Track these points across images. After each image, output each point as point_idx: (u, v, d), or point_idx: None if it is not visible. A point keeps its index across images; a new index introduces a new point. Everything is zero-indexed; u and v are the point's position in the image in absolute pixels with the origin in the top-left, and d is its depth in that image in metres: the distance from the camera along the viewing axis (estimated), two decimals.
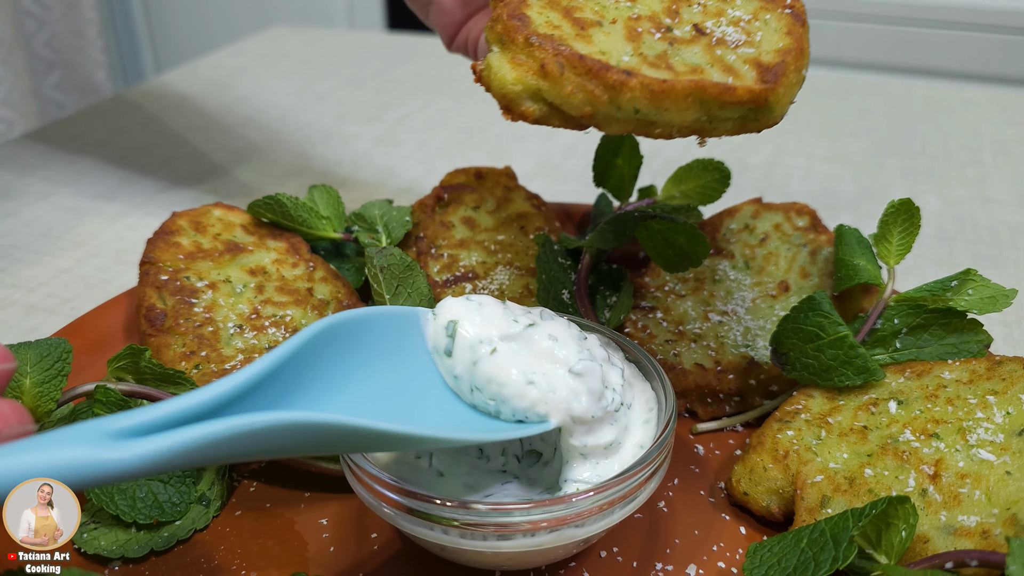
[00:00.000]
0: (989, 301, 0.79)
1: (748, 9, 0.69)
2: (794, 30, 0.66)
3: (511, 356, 0.64)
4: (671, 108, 0.61)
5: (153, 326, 0.82)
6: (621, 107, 0.61)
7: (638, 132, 0.64)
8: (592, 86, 0.61)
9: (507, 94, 0.64)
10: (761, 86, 0.61)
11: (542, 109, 0.64)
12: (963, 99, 1.72)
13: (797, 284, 0.88)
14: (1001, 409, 0.69)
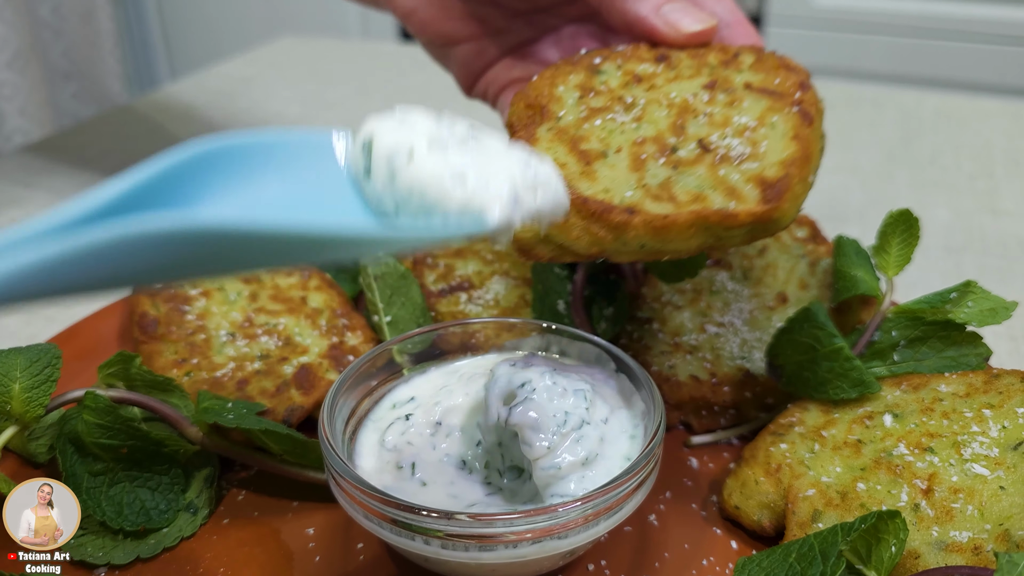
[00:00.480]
0: (989, 313, 0.78)
1: (755, 112, 0.68)
2: (801, 132, 0.66)
3: (434, 160, 0.53)
4: (675, 239, 0.62)
5: (145, 333, 0.82)
6: (627, 243, 0.63)
7: (645, 260, 0.66)
8: (596, 228, 0.63)
9: (520, 240, 0.65)
10: (763, 207, 0.61)
11: (554, 250, 0.65)
12: (975, 110, 1.70)
13: (795, 296, 0.87)
14: (997, 423, 0.67)
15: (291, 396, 0.80)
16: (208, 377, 0.79)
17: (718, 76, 0.72)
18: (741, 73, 0.72)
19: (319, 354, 0.84)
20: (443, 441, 0.70)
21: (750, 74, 0.72)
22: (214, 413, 0.72)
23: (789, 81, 0.70)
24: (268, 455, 0.75)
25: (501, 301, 0.90)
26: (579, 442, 0.64)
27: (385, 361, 0.77)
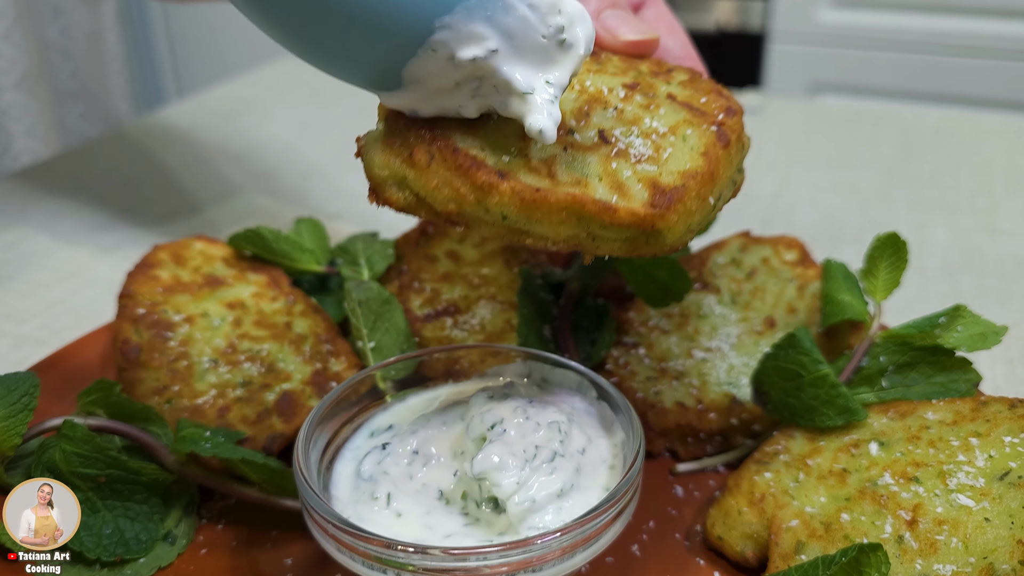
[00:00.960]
0: (978, 338, 0.76)
1: (669, 121, 0.63)
2: (711, 151, 0.60)
3: None
4: (543, 220, 0.57)
5: (127, 360, 0.81)
6: (489, 210, 0.57)
7: (508, 240, 0.60)
8: (459, 183, 0.57)
9: (374, 177, 0.60)
10: (648, 210, 0.56)
11: (407, 198, 0.60)
12: (976, 127, 1.69)
13: (784, 320, 0.86)
14: (984, 452, 0.66)
15: (272, 424, 0.79)
16: (189, 404, 0.79)
17: (643, 81, 0.67)
18: (669, 85, 0.68)
19: (302, 380, 0.83)
20: (420, 470, 0.69)
21: (678, 88, 0.68)
22: (192, 442, 0.71)
23: (716, 104, 0.66)
24: (247, 484, 0.74)
25: (487, 326, 0.89)
26: (553, 474, 0.63)
27: (367, 388, 0.77)
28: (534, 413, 0.66)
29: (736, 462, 0.80)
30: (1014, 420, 0.67)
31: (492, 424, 0.65)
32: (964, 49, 2.89)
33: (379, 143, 0.60)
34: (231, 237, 0.93)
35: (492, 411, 0.66)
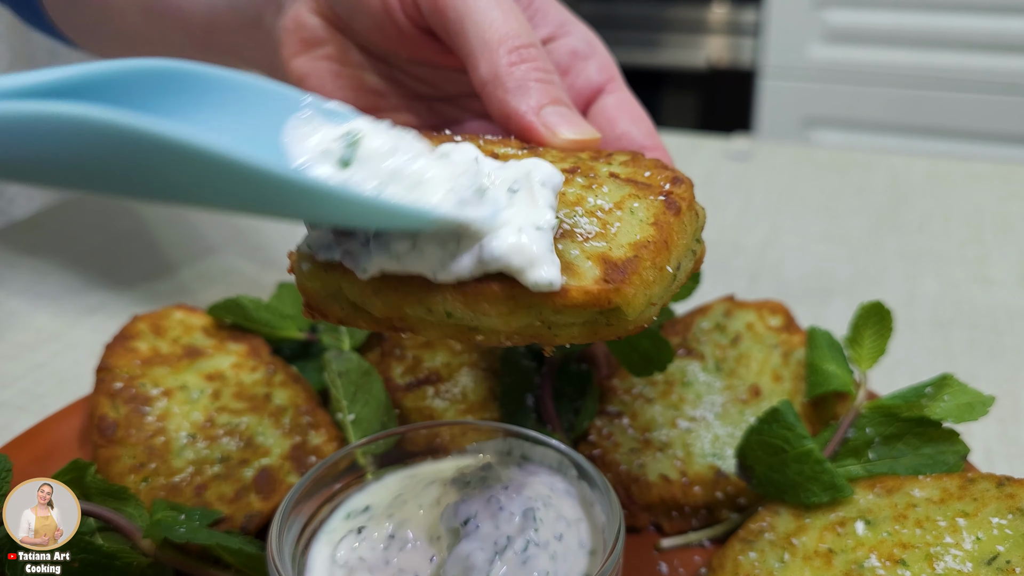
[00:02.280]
0: (966, 409, 0.76)
1: (613, 197, 0.59)
2: (661, 219, 0.57)
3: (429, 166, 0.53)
4: (491, 312, 0.52)
5: (104, 437, 0.80)
6: (431, 310, 0.53)
7: (460, 339, 0.56)
8: (396, 285, 0.53)
9: (306, 290, 0.57)
10: (601, 286, 0.51)
11: (345, 310, 0.57)
12: (965, 173, 1.69)
13: (769, 388, 0.85)
14: (971, 534, 0.65)
15: (250, 502, 0.78)
16: (166, 483, 0.77)
17: (582, 165, 0.64)
18: (610, 166, 0.65)
19: (281, 455, 0.82)
20: (396, 555, 0.67)
21: (619, 167, 0.65)
22: (165, 527, 0.70)
23: (661, 176, 0.63)
24: (223, 567, 0.73)
25: (469, 395, 0.88)
26: (526, 564, 0.62)
27: (347, 465, 0.76)
28: (508, 502, 0.65)
29: (722, 536, 0.79)
30: (1001, 500, 0.66)
31: (465, 519, 0.64)
32: (956, 83, 2.90)
33: (310, 256, 0.56)
34: (211, 307, 0.92)
35: (465, 503, 0.65)
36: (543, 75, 0.71)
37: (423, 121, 0.87)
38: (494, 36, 0.71)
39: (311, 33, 0.83)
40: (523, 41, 0.71)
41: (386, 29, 0.79)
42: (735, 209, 1.55)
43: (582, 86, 0.80)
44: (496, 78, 0.70)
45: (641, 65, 3.46)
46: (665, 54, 3.44)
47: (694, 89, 3.53)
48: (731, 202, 1.58)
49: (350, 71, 0.85)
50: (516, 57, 0.71)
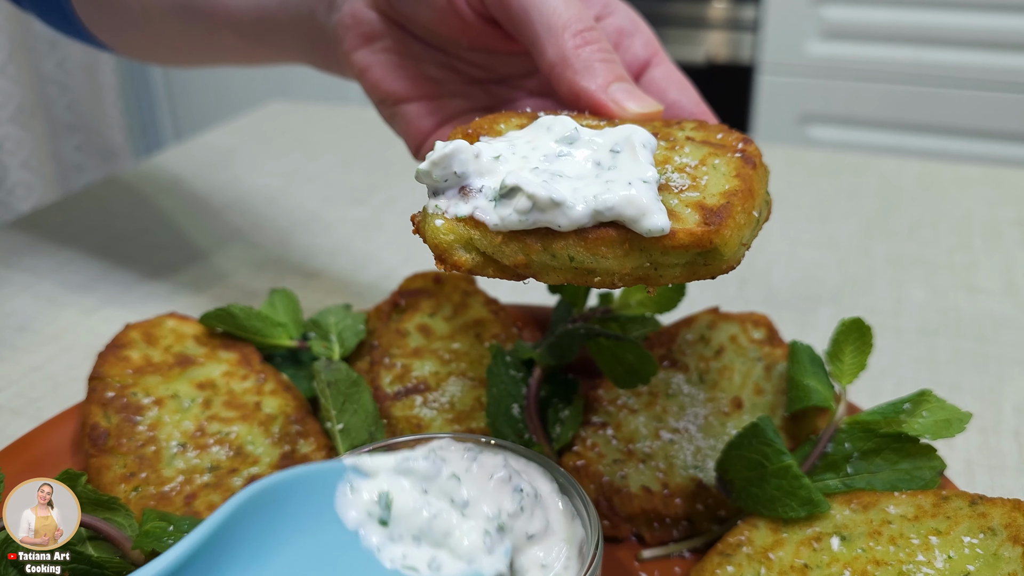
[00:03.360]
0: (943, 425, 0.77)
1: (696, 156, 0.67)
2: (743, 172, 0.65)
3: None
4: (608, 255, 0.59)
5: (95, 446, 0.81)
6: (555, 255, 0.60)
7: (578, 282, 0.62)
8: (525, 235, 0.60)
9: (439, 244, 0.62)
10: (703, 228, 0.58)
11: (475, 259, 0.62)
12: (956, 178, 1.69)
13: (751, 401, 0.87)
14: (943, 552, 0.66)
15: None
16: (156, 492, 0.79)
17: (660, 131, 0.72)
18: (683, 131, 0.73)
19: (270, 464, 0.83)
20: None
21: (692, 132, 0.73)
22: (154, 538, 0.71)
23: (731, 137, 0.71)
24: None
25: (457, 404, 0.89)
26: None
27: None
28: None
29: (702, 548, 0.80)
30: (974, 518, 0.68)
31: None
32: (954, 80, 2.91)
33: (441, 214, 0.63)
34: (203, 316, 0.93)
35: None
36: (606, 55, 0.77)
37: (479, 104, 0.92)
38: (558, 22, 0.76)
39: (369, 27, 0.87)
40: (585, 24, 0.77)
41: (449, 21, 0.83)
42: None
43: (630, 61, 0.85)
44: (564, 60, 0.76)
45: None
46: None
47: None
48: None
49: (409, 62, 0.89)
50: (580, 40, 0.76)
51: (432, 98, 0.90)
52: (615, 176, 0.60)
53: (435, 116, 0.90)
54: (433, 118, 0.90)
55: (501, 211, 0.60)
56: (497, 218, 0.60)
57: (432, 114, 0.90)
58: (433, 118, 0.90)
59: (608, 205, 0.57)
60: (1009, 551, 0.64)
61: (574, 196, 0.59)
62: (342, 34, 0.88)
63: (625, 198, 0.57)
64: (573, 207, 0.58)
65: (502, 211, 0.60)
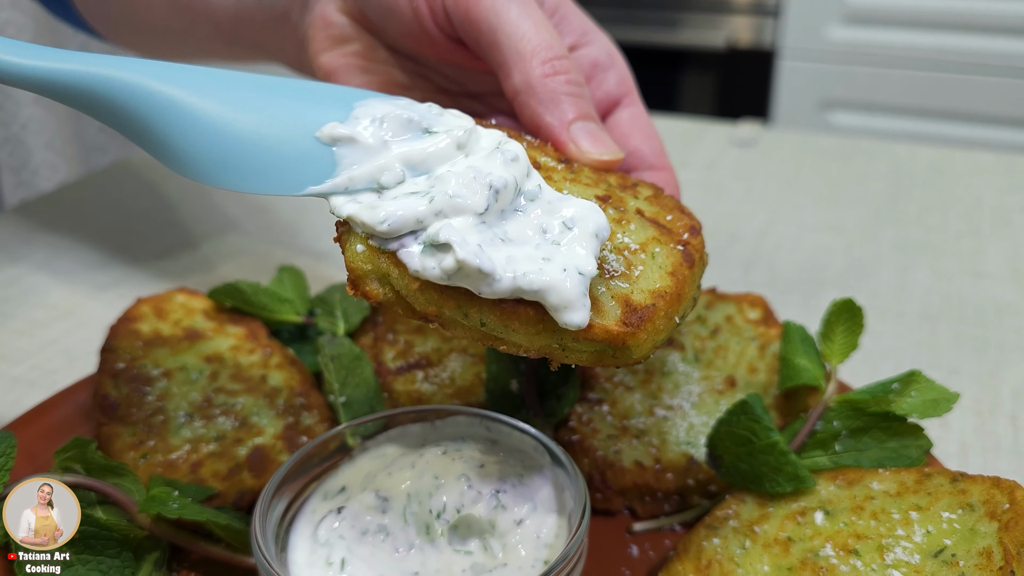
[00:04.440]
0: (931, 405, 0.78)
1: (639, 237, 0.66)
2: (679, 271, 0.63)
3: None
4: (520, 331, 0.58)
5: (106, 415, 0.84)
6: (468, 316, 0.59)
7: (482, 343, 0.61)
8: (442, 288, 0.58)
9: (355, 269, 0.60)
10: (621, 328, 0.58)
11: (387, 295, 0.61)
12: (968, 164, 1.69)
13: (744, 380, 0.88)
14: (922, 527, 0.68)
15: (243, 479, 0.82)
16: (163, 460, 0.81)
17: (613, 194, 0.70)
18: (636, 200, 0.71)
19: (274, 435, 0.86)
20: (374, 531, 0.71)
21: (644, 204, 0.71)
22: (159, 502, 0.74)
23: (681, 223, 0.69)
24: (215, 541, 0.77)
25: (457, 380, 0.91)
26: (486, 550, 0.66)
27: (336, 446, 0.79)
28: (478, 482, 0.70)
29: (692, 521, 0.82)
30: (954, 495, 0.69)
31: (437, 513, 0.69)
32: (975, 67, 2.89)
33: (363, 236, 0.60)
34: (211, 291, 0.96)
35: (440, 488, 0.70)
36: (574, 88, 0.74)
37: None
38: (527, 47, 0.74)
39: (339, 31, 0.86)
40: (555, 53, 0.74)
41: (416, 36, 0.82)
42: (735, 198, 1.57)
43: (601, 97, 0.83)
44: (529, 88, 0.74)
45: (661, 44, 3.46)
46: (685, 34, 3.43)
47: (713, 69, 3.52)
48: (732, 190, 1.60)
49: (378, 67, 0.88)
50: (549, 69, 0.74)
51: None
52: (554, 254, 0.58)
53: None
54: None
55: (425, 261, 0.57)
56: (420, 265, 0.57)
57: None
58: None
59: (534, 287, 0.55)
60: (986, 526, 0.65)
61: (504, 267, 0.56)
62: (312, 35, 0.87)
63: (552, 285, 0.55)
64: (499, 280, 0.56)
65: (426, 261, 0.57)
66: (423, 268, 0.57)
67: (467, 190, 0.58)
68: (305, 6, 0.89)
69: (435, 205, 0.57)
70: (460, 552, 0.71)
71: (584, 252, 0.58)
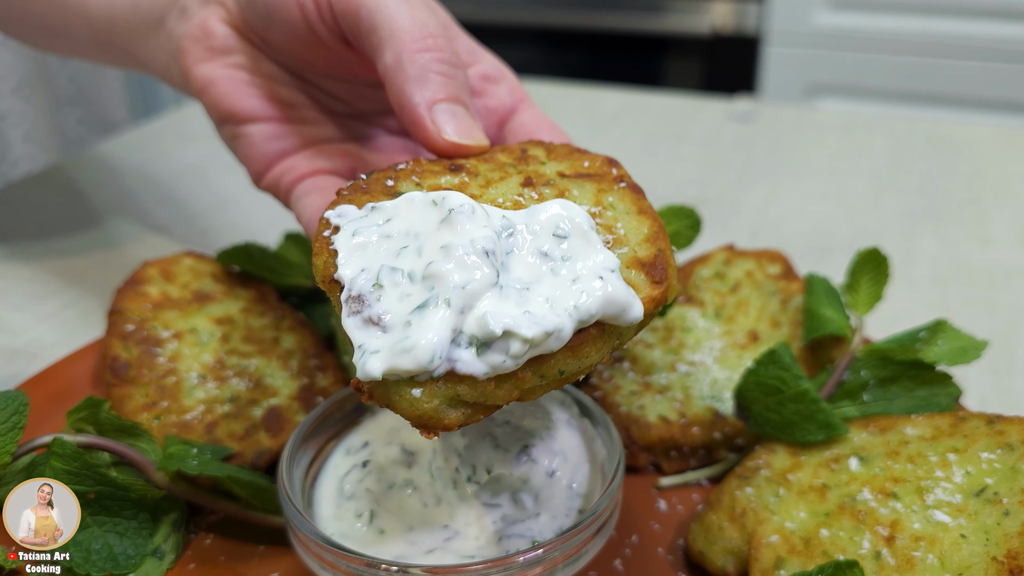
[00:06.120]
0: (959, 352, 0.77)
1: (587, 198, 0.63)
2: (644, 206, 0.62)
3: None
4: (592, 353, 0.56)
5: (117, 376, 0.82)
6: (545, 376, 0.55)
7: (559, 387, 0.58)
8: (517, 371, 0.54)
9: (424, 414, 0.53)
10: (658, 289, 0.57)
11: (466, 413, 0.55)
12: (967, 136, 1.69)
13: (767, 334, 0.87)
14: (961, 468, 0.67)
15: (259, 439, 0.80)
16: (177, 420, 0.79)
17: (531, 174, 0.67)
18: (545, 165, 0.68)
19: (289, 396, 0.84)
20: (400, 484, 0.69)
21: (555, 164, 0.68)
22: (178, 459, 0.72)
23: (597, 162, 0.68)
24: (234, 500, 0.75)
25: None
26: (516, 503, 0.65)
27: (353, 404, 0.78)
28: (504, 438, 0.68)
29: (719, 476, 0.81)
30: (991, 436, 0.68)
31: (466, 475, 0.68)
32: (961, 51, 2.89)
33: (409, 380, 0.53)
34: (220, 253, 0.94)
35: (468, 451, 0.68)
36: (446, 68, 0.70)
37: (332, 135, 0.85)
38: (402, 25, 0.70)
39: (220, 42, 0.81)
40: (430, 31, 0.70)
41: (303, 37, 0.77)
42: (736, 169, 1.56)
43: (495, 107, 0.80)
44: (399, 64, 0.69)
45: (644, 31, 3.45)
46: (669, 20, 3.42)
47: (698, 55, 3.52)
48: (732, 162, 1.59)
49: (260, 80, 0.82)
50: (421, 45, 0.69)
51: (282, 121, 0.82)
52: (576, 271, 0.55)
53: (283, 141, 0.82)
54: (280, 143, 0.82)
55: (491, 359, 0.52)
56: (488, 367, 0.52)
57: (279, 138, 0.81)
58: (280, 143, 0.82)
59: (592, 312, 0.53)
60: None
61: (555, 313, 0.53)
62: (187, 46, 0.81)
63: (605, 300, 0.53)
64: (563, 328, 0.52)
65: (492, 359, 0.52)
66: (493, 367, 0.52)
67: (469, 272, 0.53)
68: (183, 14, 0.83)
69: (455, 305, 0.52)
70: (490, 505, 0.69)
71: (596, 251, 0.56)
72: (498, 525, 0.68)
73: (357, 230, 0.58)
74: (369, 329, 0.53)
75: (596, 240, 0.57)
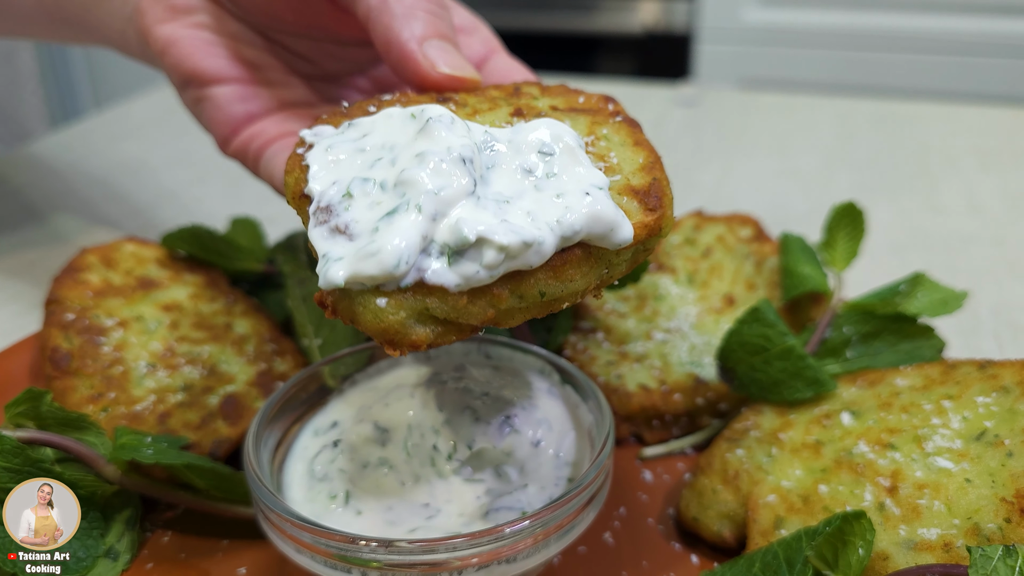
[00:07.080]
0: (939, 304, 0.76)
1: (581, 129, 0.60)
2: (639, 138, 0.59)
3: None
4: (576, 276, 0.52)
5: (58, 368, 0.76)
6: (524, 297, 0.51)
7: (539, 315, 0.54)
8: (490, 285, 0.51)
9: (389, 327, 0.50)
10: (651, 217, 0.53)
11: (435, 330, 0.51)
12: (909, 114, 1.71)
13: (743, 297, 0.85)
14: (957, 414, 0.65)
15: (217, 428, 0.75)
16: (127, 412, 0.74)
17: (516, 104, 0.64)
18: (538, 100, 0.66)
19: (246, 382, 0.79)
20: (374, 461, 0.65)
21: (547, 99, 0.66)
22: (131, 449, 0.67)
23: (594, 99, 0.65)
24: (193, 492, 0.70)
25: None
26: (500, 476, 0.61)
27: (316, 386, 0.73)
28: (485, 411, 0.64)
29: (704, 443, 0.78)
30: (984, 380, 0.66)
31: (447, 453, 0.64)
32: (891, 43, 2.95)
33: (372, 289, 0.50)
34: (165, 236, 0.88)
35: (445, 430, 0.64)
36: (433, 7, 0.68)
37: (300, 98, 0.81)
38: None
39: (181, 1, 0.77)
40: None
41: None
42: (687, 151, 1.55)
43: (470, 56, 0.76)
44: (384, 3, 0.66)
45: (576, 31, 3.45)
46: (600, 19, 3.43)
47: (630, 54, 3.53)
48: (682, 145, 1.58)
49: (225, 40, 0.77)
50: None
51: (247, 83, 0.78)
52: (561, 187, 0.52)
53: (249, 103, 0.77)
54: (246, 105, 0.77)
55: (463, 269, 0.49)
56: (459, 277, 0.49)
57: (245, 100, 0.77)
58: (246, 105, 0.77)
59: (575, 229, 0.50)
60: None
61: (536, 227, 0.49)
62: (145, 7, 0.76)
63: (591, 216, 0.50)
64: (544, 241, 0.49)
65: (464, 269, 0.49)
66: (465, 278, 0.49)
67: (444, 178, 0.50)
68: None
69: (427, 211, 0.48)
70: (472, 481, 0.65)
71: (584, 168, 0.53)
72: (483, 500, 0.63)
73: (332, 146, 0.54)
74: (335, 238, 0.50)
75: (585, 158, 0.54)
